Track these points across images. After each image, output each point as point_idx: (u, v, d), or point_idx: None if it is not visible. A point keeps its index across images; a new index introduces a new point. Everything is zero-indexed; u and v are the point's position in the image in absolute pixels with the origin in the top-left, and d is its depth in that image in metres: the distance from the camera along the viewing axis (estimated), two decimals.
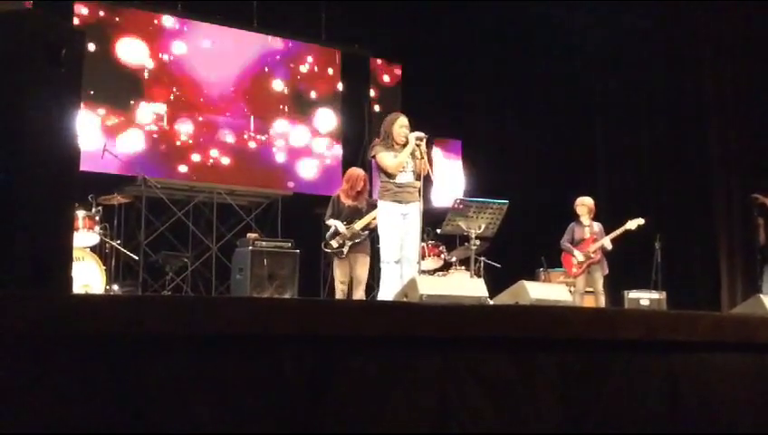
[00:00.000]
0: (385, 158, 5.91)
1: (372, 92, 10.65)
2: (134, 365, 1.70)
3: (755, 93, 9.45)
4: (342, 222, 6.84)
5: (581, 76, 11.18)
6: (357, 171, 7.16)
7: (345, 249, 6.77)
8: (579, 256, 8.06)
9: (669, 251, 8.98)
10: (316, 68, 10.23)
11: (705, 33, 9.95)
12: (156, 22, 9.22)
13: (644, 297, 8.65)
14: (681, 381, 2.40)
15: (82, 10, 8.72)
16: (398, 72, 10.83)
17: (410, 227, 5.88)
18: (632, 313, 4.19)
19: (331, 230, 6.88)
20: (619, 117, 10.90)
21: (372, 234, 6.76)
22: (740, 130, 9.70)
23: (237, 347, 1.80)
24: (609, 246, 8.06)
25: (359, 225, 6.82)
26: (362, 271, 6.81)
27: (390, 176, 5.91)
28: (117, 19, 8.95)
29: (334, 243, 6.83)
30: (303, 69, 10.12)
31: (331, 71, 10.33)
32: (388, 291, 5.72)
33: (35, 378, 1.59)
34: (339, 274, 6.87)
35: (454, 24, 10.68)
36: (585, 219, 8.22)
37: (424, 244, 7.55)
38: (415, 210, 5.87)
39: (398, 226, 5.86)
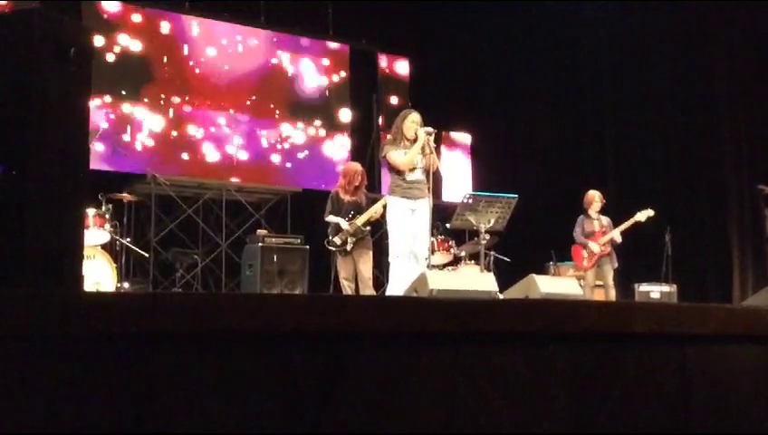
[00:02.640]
0: (395, 156, 5.93)
1: (380, 87, 10.64)
2: (144, 363, 1.70)
3: (767, 87, 9.41)
4: (344, 218, 6.80)
5: (592, 70, 11.13)
6: (354, 166, 7.11)
7: (348, 246, 6.70)
8: (593, 246, 8.02)
9: (680, 243, 8.95)
10: (324, 63, 10.23)
11: (717, 29, 9.91)
12: (164, 20, 9.24)
13: (654, 290, 8.62)
14: (693, 374, 2.39)
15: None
16: (405, 66, 10.82)
17: (419, 223, 5.89)
18: (643, 306, 4.18)
19: (333, 227, 6.83)
20: (629, 110, 10.85)
21: (378, 230, 6.72)
22: (751, 123, 9.65)
23: (247, 344, 1.81)
24: (618, 239, 8.04)
25: (360, 220, 6.73)
26: (366, 267, 6.74)
27: (401, 173, 5.93)
28: (126, 17, 8.98)
29: (337, 240, 6.75)
30: (312, 65, 10.12)
31: (339, 66, 10.33)
32: (397, 286, 5.73)
33: (45, 376, 1.60)
34: (343, 272, 6.80)
35: (462, 17, 10.65)
36: (594, 213, 8.20)
37: (433, 239, 7.53)
38: (424, 206, 5.89)
39: (407, 221, 5.87)
